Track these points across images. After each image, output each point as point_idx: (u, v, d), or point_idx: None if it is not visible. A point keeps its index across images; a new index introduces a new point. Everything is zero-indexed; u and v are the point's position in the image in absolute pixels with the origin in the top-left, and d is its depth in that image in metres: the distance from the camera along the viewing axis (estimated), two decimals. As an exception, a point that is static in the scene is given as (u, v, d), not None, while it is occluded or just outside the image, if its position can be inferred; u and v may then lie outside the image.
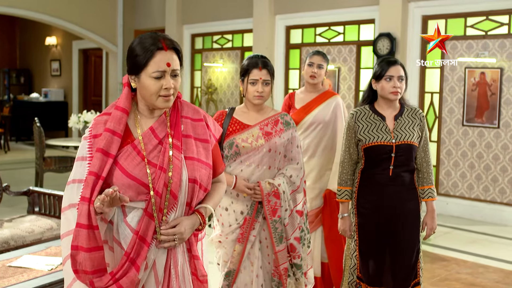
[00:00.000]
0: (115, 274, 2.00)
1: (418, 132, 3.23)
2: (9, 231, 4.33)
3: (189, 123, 2.17)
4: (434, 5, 7.34)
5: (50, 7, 10.99)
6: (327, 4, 8.46)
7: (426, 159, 3.28)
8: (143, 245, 2.02)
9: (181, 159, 2.08)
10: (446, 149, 7.36)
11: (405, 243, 3.24)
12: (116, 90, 12.11)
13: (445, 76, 7.32)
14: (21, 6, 10.70)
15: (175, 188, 2.06)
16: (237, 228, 3.11)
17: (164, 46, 2.04)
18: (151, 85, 2.04)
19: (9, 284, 3.03)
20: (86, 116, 7.75)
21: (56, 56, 14.59)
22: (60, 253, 3.55)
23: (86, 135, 2.14)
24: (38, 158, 7.67)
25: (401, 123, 3.22)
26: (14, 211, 5.95)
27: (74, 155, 8.54)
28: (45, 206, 4.83)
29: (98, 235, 1.99)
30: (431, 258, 5.45)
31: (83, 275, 2.00)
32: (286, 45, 9.17)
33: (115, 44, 12.05)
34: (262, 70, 3.09)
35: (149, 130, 2.10)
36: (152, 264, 2.07)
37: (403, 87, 3.20)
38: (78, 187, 2.06)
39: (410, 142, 3.18)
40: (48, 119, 12.84)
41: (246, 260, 3.13)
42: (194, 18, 10.59)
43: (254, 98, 3.10)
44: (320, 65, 4.08)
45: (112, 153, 2.04)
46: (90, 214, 1.98)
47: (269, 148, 3.10)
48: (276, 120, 3.18)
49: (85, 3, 11.45)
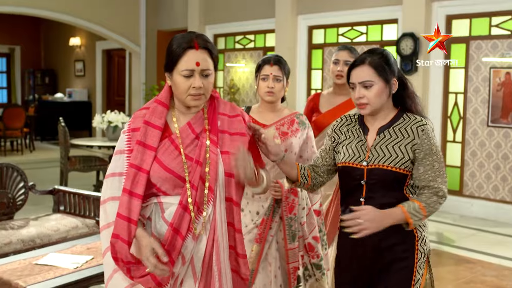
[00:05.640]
0: None
1: (407, 153, 2.28)
2: (35, 230, 4.38)
3: (225, 119, 2.18)
4: (458, 4, 7.26)
5: (74, 8, 11.11)
6: (349, 4, 8.43)
7: (431, 187, 2.30)
8: (177, 237, 2.04)
9: (217, 153, 2.10)
10: (470, 150, 7.29)
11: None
12: (139, 90, 12.19)
13: (470, 76, 7.24)
14: (45, 7, 10.83)
15: (212, 182, 2.08)
16: (253, 228, 3.10)
17: (196, 45, 2.06)
18: (181, 83, 2.07)
19: (36, 281, 3.07)
20: (110, 116, 7.82)
21: (80, 57, 14.74)
22: (86, 251, 3.60)
23: (125, 129, 2.16)
24: (63, 157, 7.76)
25: (384, 138, 2.34)
26: (40, 209, 6.02)
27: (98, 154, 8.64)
28: (70, 205, 4.88)
29: (134, 230, 2.02)
30: (456, 260, 5.40)
31: (121, 263, 2.04)
32: (309, 45, 9.15)
33: (138, 45, 12.13)
34: (273, 66, 3.08)
35: (187, 125, 2.13)
36: (190, 259, 2.09)
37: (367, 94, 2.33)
38: (119, 180, 2.10)
39: (386, 166, 2.28)
40: (72, 119, 12.96)
41: (264, 261, 3.13)
42: (217, 19, 10.62)
43: (265, 94, 3.09)
44: (347, 61, 3.57)
45: (154, 146, 2.07)
46: (131, 206, 2.02)
47: (285, 148, 3.09)
48: (292, 120, 3.16)
49: (108, 4, 11.55)
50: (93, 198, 4.73)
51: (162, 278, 2.03)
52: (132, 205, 2.02)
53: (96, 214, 4.68)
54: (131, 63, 12.69)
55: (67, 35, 14.73)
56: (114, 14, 11.64)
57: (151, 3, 12.04)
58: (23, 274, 3.16)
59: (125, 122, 7.60)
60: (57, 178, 8.01)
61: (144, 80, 12.16)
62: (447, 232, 6.53)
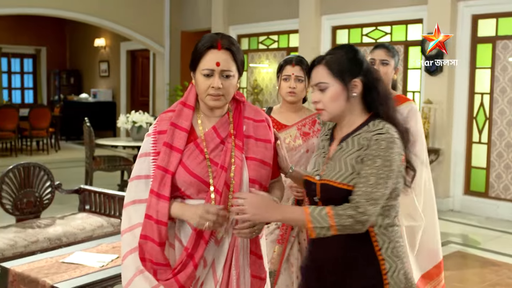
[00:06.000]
0: (174, 269, 2.04)
1: (351, 166, 1.97)
2: (61, 228, 4.44)
3: (251, 124, 2.18)
4: (484, 4, 7.18)
5: (98, 10, 11.22)
6: (374, 4, 8.38)
7: (353, 200, 1.92)
8: (200, 241, 2.05)
9: (242, 159, 2.10)
10: (496, 151, 7.19)
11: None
12: (163, 90, 12.26)
13: (496, 77, 7.16)
14: (71, 9, 10.95)
15: (237, 187, 2.07)
16: (275, 229, 3.10)
17: (219, 46, 2.06)
18: (201, 82, 2.08)
19: (63, 279, 3.10)
20: (134, 116, 7.87)
21: (105, 57, 14.87)
22: (111, 250, 3.62)
23: (150, 131, 2.16)
24: (88, 157, 7.84)
25: (341, 150, 2.04)
26: (65, 208, 6.09)
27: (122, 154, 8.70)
28: (95, 204, 4.93)
29: (164, 231, 2.03)
30: (481, 263, 5.34)
31: (149, 264, 2.04)
32: (332, 45, 9.09)
33: (162, 45, 12.20)
34: (295, 66, 3.07)
35: (212, 130, 2.13)
36: (211, 263, 2.10)
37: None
38: (145, 183, 2.10)
39: (334, 182, 1.98)
40: (97, 119, 13.06)
41: (286, 262, 3.12)
42: (240, 19, 10.64)
43: (286, 94, 3.09)
44: (384, 61, 3.29)
45: (180, 148, 2.08)
46: (159, 208, 2.03)
47: (307, 149, 3.08)
48: (313, 120, 3.15)
49: (132, 5, 11.64)
50: (118, 198, 4.77)
51: (185, 281, 2.03)
52: (160, 207, 2.03)
53: (121, 214, 4.71)
54: (155, 63, 12.77)
55: (92, 36, 14.88)
56: (138, 15, 11.73)
57: (175, 4, 12.10)
58: (50, 272, 3.19)
59: (149, 123, 7.66)
60: (82, 178, 8.09)
61: (168, 80, 12.23)
62: (472, 234, 6.46)
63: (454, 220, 6.95)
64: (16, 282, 3.22)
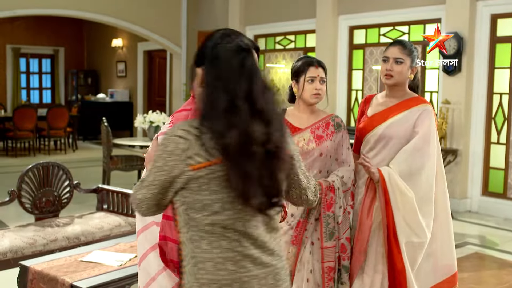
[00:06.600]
0: None
1: None
2: (79, 227, 4.47)
3: None
4: (504, 3, 7.12)
5: (116, 10, 11.30)
6: (391, 4, 8.34)
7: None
8: None
9: None
10: (515, 152, 7.14)
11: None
12: (179, 91, 12.30)
13: (515, 77, 7.10)
14: (88, 10, 11.05)
15: None
16: (289, 229, 3.09)
17: None
18: None
19: (81, 278, 3.14)
20: (151, 116, 7.92)
21: (122, 58, 14.96)
22: (129, 249, 3.64)
23: (164, 130, 2.17)
24: (106, 156, 7.89)
25: None
26: (83, 207, 6.14)
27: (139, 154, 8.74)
28: (113, 203, 4.96)
29: None
30: (499, 264, 5.30)
31: (171, 264, 2.04)
32: (350, 45, 9.09)
33: (179, 46, 12.25)
34: (318, 68, 3.08)
35: None
36: None
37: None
38: None
39: None
40: (114, 119, 13.14)
41: (300, 262, 3.12)
42: (257, 19, 10.64)
43: (311, 96, 3.07)
44: (398, 59, 3.09)
45: None
46: None
47: (321, 152, 3.07)
48: (327, 123, 3.14)
49: (149, 6, 11.70)
50: (135, 197, 4.79)
51: None
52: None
53: (138, 213, 4.74)
54: (172, 64, 12.83)
55: (109, 37, 14.98)
56: (155, 16, 11.79)
57: (192, 5, 12.14)
58: (69, 271, 3.23)
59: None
60: (99, 177, 8.15)
61: (184, 80, 12.27)
62: (490, 235, 6.41)
63: (471, 221, 6.90)
64: (35, 281, 3.26)
